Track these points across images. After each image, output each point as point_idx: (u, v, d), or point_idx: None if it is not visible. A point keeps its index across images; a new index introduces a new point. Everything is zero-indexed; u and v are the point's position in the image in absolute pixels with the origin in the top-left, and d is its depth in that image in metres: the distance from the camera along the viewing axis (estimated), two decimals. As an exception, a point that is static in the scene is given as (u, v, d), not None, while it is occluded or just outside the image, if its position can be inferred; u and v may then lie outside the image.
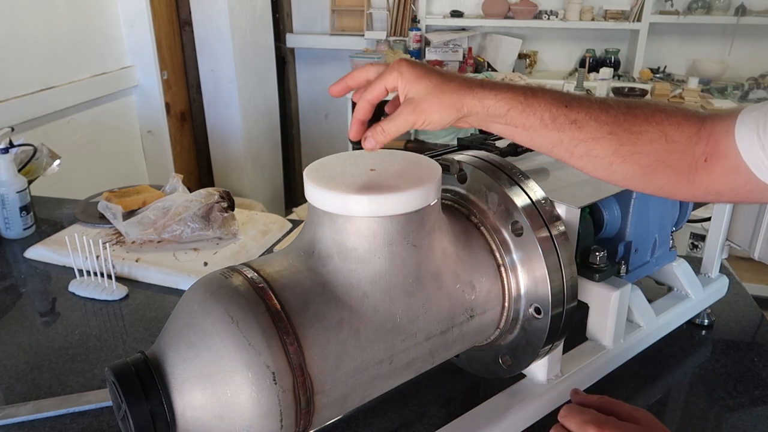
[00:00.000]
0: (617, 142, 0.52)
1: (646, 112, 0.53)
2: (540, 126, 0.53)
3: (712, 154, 0.51)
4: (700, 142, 0.52)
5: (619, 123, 0.52)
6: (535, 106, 0.53)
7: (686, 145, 0.52)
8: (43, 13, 1.93)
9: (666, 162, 0.52)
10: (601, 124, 0.52)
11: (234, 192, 1.33)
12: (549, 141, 0.54)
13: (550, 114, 0.52)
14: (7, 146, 1.22)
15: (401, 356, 0.55)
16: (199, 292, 0.51)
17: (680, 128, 0.52)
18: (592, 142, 0.52)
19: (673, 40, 3.06)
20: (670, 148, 0.52)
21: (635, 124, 0.52)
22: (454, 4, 3.21)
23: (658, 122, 0.52)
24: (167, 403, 0.47)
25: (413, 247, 0.54)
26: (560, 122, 0.52)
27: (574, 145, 0.53)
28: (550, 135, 0.53)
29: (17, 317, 0.98)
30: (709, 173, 0.52)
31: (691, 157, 0.52)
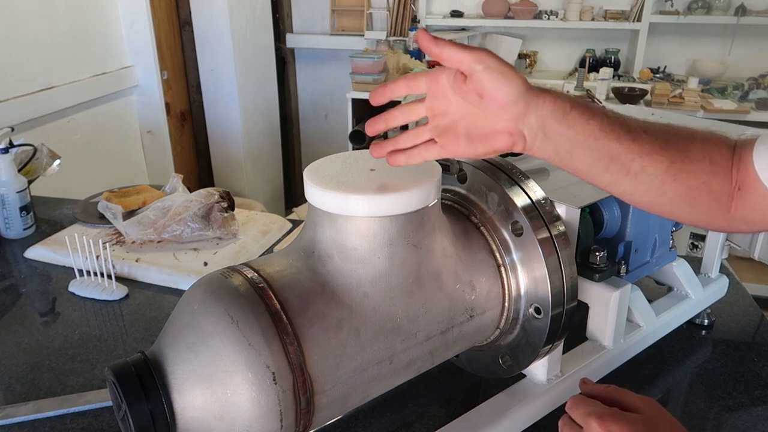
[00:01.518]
0: (669, 159, 0.50)
1: (687, 132, 0.51)
2: (600, 133, 0.50)
3: (744, 182, 0.50)
4: (734, 168, 0.50)
5: (667, 140, 0.50)
6: (594, 110, 0.50)
7: (726, 169, 0.51)
8: (43, 13, 1.93)
9: (710, 186, 0.51)
10: (653, 137, 0.50)
11: (234, 192, 1.33)
12: (608, 153, 0.50)
13: (608, 120, 0.50)
14: (7, 146, 1.22)
15: (401, 356, 0.55)
16: (199, 292, 0.51)
17: (720, 151, 0.51)
18: (647, 157, 0.50)
19: (673, 40, 3.05)
20: (714, 171, 0.51)
21: (680, 142, 0.51)
22: (454, 4, 3.21)
23: (701, 142, 0.51)
24: (167, 403, 0.47)
25: (413, 247, 0.54)
26: (617, 130, 0.50)
27: (631, 159, 0.50)
28: (609, 145, 0.50)
29: (17, 317, 0.98)
30: (743, 202, 0.51)
31: (730, 184, 0.51)
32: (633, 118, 0.52)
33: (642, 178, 0.51)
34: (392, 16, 3.20)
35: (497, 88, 0.49)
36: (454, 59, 0.49)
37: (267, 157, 3.14)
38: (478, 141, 0.52)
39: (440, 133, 0.53)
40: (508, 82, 0.49)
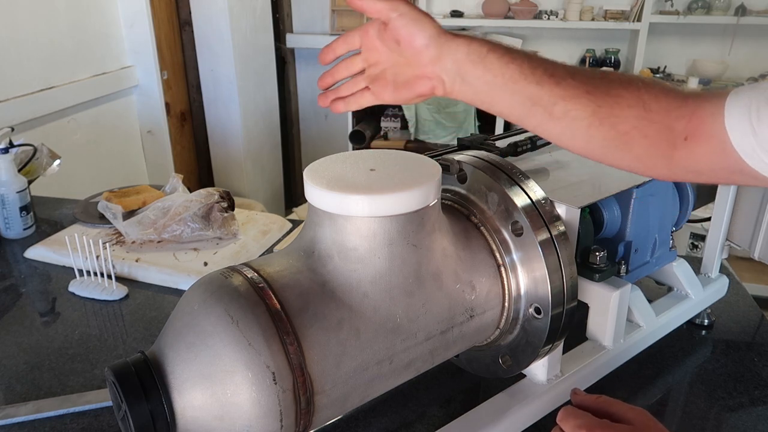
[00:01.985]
0: (595, 102, 0.51)
1: (622, 79, 0.52)
2: (519, 76, 0.51)
3: (693, 134, 0.50)
4: (681, 120, 0.50)
5: (596, 84, 0.51)
6: (513, 54, 0.52)
7: (665, 118, 0.51)
8: (43, 13, 1.93)
9: (644, 132, 0.51)
10: (579, 82, 0.51)
11: (234, 192, 1.33)
12: (528, 97, 0.52)
13: (529, 64, 0.51)
14: (7, 146, 1.22)
15: (401, 356, 0.55)
16: (199, 292, 0.51)
17: (658, 99, 0.51)
18: (571, 100, 0.51)
19: (673, 40, 3.05)
20: (649, 117, 0.51)
21: (612, 87, 0.51)
22: (454, 4, 3.21)
23: (635, 89, 0.51)
24: (167, 403, 0.47)
25: (413, 247, 0.54)
26: (539, 74, 0.51)
27: (553, 103, 0.51)
28: (530, 89, 0.51)
29: (17, 317, 0.98)
30: (689, 152, 0.51)
31: (671, 133, 0.51)
32: (561, 64, 0.52)
33: (567, 122, 0.52)
34: (392, 16, 3.20)
35: (410, 32, 0.53)
36: (374, 9, 0.53)
37: (267, 157, 3.14)
38: (402, 87, 0.57)
39: (372, 81, 0.59)
40: (420, 27, 0.53)
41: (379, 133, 3.16)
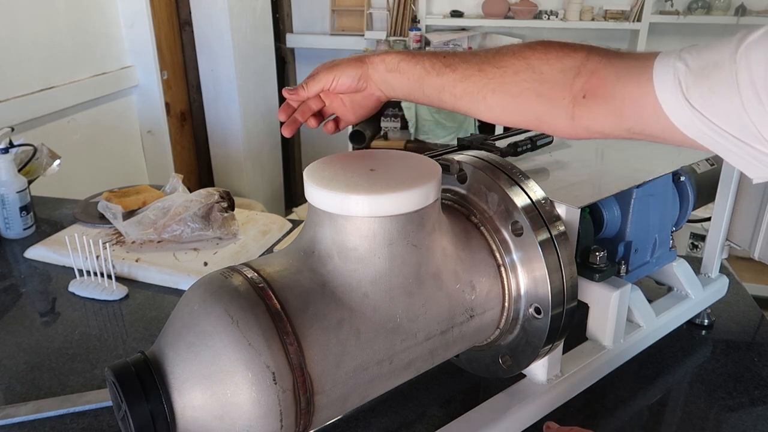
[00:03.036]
0: (486, 77, 0.58)
1: (513, 50, 0.58)
2: (423, 73, 0.61)
3: (592, 93, 0.52)
4: (579, 78, 0.53)
5: (488, 61, 0.58)
6: (419, 57, 0.62)
7: (558, 77, 0.54)
8: (43, 13, 1.93)
9: (537, 91, 0.55)
10: (471, 64, 0.59)
11: (234, 192, 1.33)
12: (435, 87, 0.61)
13: (431, 62, 0.61)
14: (7, 146, 1.22)
15: (401, 356, 0.55)
16: (199, 292, 0.51)
17: (549, 62, 0.55)
18: (466, 80, 0.59)
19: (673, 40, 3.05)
20: (539, 78, 0.55)
21: (502, 60, 0.57)
22: (454, 4, 3.21)
23: (524, 57, 0.56)
24: (167, 403, 0.47)
25: (413, 247, 0.54)
26: (438, 67, 0.60)
27: (453, 86, 0.59)
28: (433, 81, 0.60)
29: (17, 317, 0.98)
30: (588, 111, 0.53)
31: (567, 91, 0.54)
32: (462, 53, 0.61)
33: (468, 98, 0.60)
34: (392, 16, 3.20)
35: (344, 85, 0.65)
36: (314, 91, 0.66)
37: (267, 157, 3.14)
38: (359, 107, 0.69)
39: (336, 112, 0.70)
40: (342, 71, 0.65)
41: (379, 133, 3.16)
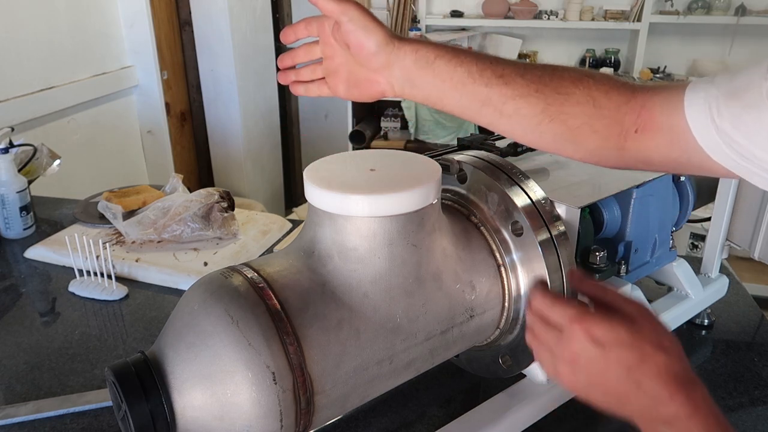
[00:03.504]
0: (545, 101, 0.52)
1: (573, 76, 0.53)
2: (468, 79, 0.53)
3: (644, 127, 0.51)
4: (630, 113, 0.52)
5: (546, 83, 0.52)
6: (462, 58, 0.53)
7: (615, 113, 0.52)
8: (43, 13, 1.93)
9: (593, 127, 0.53)
10: (528, 81, 0.52)
11: (234, 192, 1.33)
12: (478, 98, 0.53)
13: (478, 67, 0.53)
14: (7, 146, 1.22)
15: (401, 356, 0.55)
16: (199, 292, 0.51)
17: (608, 95, 0.52)
18: (520, 99, 0.52)
19: (673, 40, 3.05)
20: (598, 114, 0.52)
21: (562, 85, 0.52)
22: (454, 4, 3.21)
23: (585, 86, 0.52)
24: (167, 403, 0.47)
25: (413, 247, 0.54)
26: (487, 76, 0.52)
27: (503, 102, 0.53)
28: (478, 90, 0.53)
29: (17, 317, 0.98)
30: (639, 144, 0.52)
31: (620, 127, 0.52)
32: (512, 63, 0.54)
33: (517, 119, 0.53)
34: (392, 16, 3.20)
35: (358, 39, 0.54)
36: (326, 9, 0.54)
37: (267, 157, 3.13)
38: (354, 86, 0.59)
39: (329, 74, 0.61)
40: (368, 35, 0.54)
41: (379, 133, 3.16)
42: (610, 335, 0.46)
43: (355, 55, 0.56)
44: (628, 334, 0.46)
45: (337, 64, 0.59)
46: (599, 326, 0.47)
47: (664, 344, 0.46)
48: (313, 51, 0.61)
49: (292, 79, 0.64)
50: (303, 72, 0.63)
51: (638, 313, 0.48)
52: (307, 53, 0.62)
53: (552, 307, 0.49)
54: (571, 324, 0.48)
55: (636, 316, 0.47)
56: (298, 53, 0.62)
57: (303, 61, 0.62)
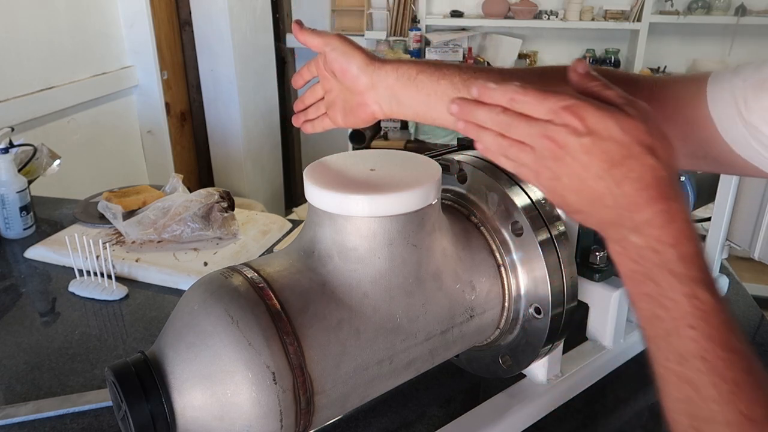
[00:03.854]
0: None
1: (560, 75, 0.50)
2: (452, 91, 0.53)
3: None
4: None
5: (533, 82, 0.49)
6: (444, 71, 0.53)
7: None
8: (43, 13, 1.93)
9: None
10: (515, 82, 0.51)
11: (234, 192, 1.33)
12: None
13: (461, 77, 0.53)
14: (7, 146, 1.22)
15: (401, 356, 0.55)
16: (199, 292, 0.51)
17: None
18: None
19: (673, 40, 3.05)
20: None
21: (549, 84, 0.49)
22: (454, 4, 3.21)
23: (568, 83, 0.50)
24: (167, 403, 0.47)
25: (413, 247, 0.54)
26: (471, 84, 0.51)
27: None
28: None
29: (17, 317, 0.98)
30: None
31: None
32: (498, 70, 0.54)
33: None
34: (392, 16, 3.20)
35: (341, 65, 0.58)
36: (312, 43, 0.59)
37: (267, 157, 3.14)
38: (349, 113, 0.62)
39: (328, 107, 0.64)
40: (348, 59, 0.57)
41: (379, 133, 3.16)
42: (601, 125, 0.42)
43: (342, 81, 0.59)
44: (618, 128, 0.42)
45: (334, 96, 0.63)
46: (592, 113, 0.42)
47: (654, 147, 0.42)
48: (315, 91, 0.66)
49: (302, 120, 0.68)
50: (310, 111, 0.67)
51: (638, 110, 0.43)
52: (312, 94, 0.66)
53: (544, 99, 0.44)
54: (563, 112, 0.43)
55: (635, 113, 0.43)
56: (306, 96, 0.67)
57: (310, 102, 0.67)
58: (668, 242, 0.41)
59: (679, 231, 0.41)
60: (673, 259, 0.40)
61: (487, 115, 0.46)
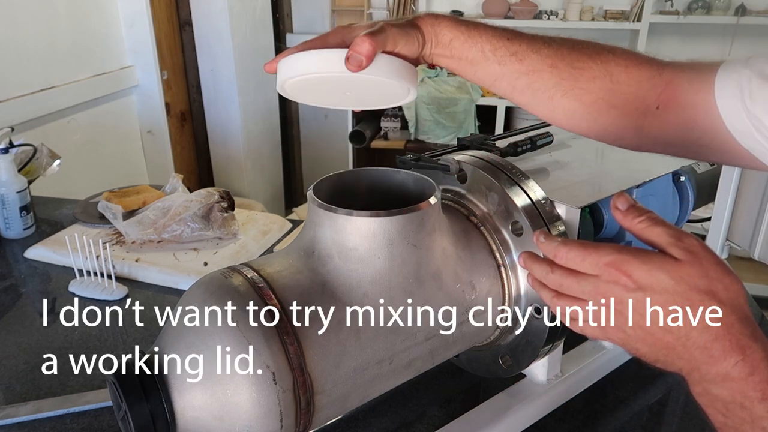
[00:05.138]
0: (558, 75, 0.52)
1: (591, 50, 0.52)
2: (481, 58, 0.53)
3: (666, 103, 0.50)
4: (655, 89, 0.50)
5: (562, 56, 0.52)
6: (476, 38, 0.52)
7: (636, 89, 0.51)
8: (43, 14, 1.93)
9: (611, 102, 0.51)
10: (543, 57, 0.52)
11: (234, 192, 1.33)
12: (491, 74, 0.53)
13: (491, 46, 0.52)
14: (7, 146, 1.22)
15: (401, 356, 0.55)
16: (199, 292, 0.51)
17: (628, 70, 0.51)
18: (534, 74, 0.52)
19: (673, 40, 3.05)
20: (616, 89, 0.51)
21: (579, 59, 0.51)
22: (454, 4, 3.21)
23: (603, 61, 0.51)
24: (167, 403, 0.47)
25: (413, 247, 0.54)
26: (500, 54, 0.52)
27: (516, 77, 0.53)
28: (492, 68, 0.53)
29: (17, 317, 0.98)
30: (660, 121, 0.50)
31: (642, 102, 0.51)
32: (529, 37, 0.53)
33: (529, 93, 0.53)
34: (392, 16, 3.20)
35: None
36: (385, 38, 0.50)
37: (267, 157, 3.14)
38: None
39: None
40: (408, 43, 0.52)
41: (379, 133, 3.16)
42: (650, 278, 0.40)
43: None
44: (669, 279, 0.40)
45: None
46: (637, 267, 0.41)
47: (715, 291, 0.40)
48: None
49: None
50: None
51: (687, 252, 0.41)
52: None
53: (585, 256, 0.43)
54: (608, 269, 0.42)
55: (684, 256, 0.41)
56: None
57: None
58: (755, 397, 0.38)
59: (764, 382, 0.38)
60: (764, 414, 0.38)
61: (541, 274, 0.47)
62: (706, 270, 0.41)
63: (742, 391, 0.39)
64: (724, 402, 0.40)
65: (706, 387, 0.41)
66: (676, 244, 0.41)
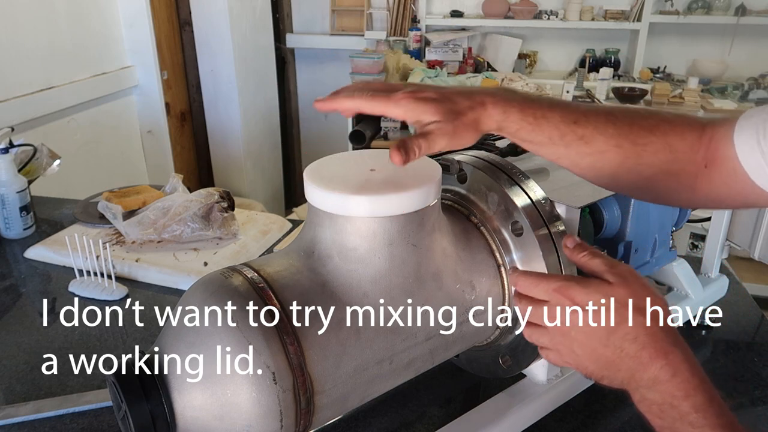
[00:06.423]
0: (623, 155, 0.53)
1: (650, 123, 0.53)
2: (548, 143, 0.53)
3: (711, 160, 0.51)
4: (701, 149, 0.52)
5: (625, 135, 0.53)
6: (543, 126, 0.52)
7: (689, 154, 0.52)
8: (43, 14, 1.93)
9: (670, 171, 0.53)
10: (608, 137, 0.53)
11: (234, 192, 1.33)
12: (555, 155, 0.55)
13: (559, 132, 0.53)
14: (7, 146, 1.22)
15: (401, 356, 0.55)
16: (199, 292, 0.51)
17: (683, 137, 0.52)
18: (599, 155, 0.53)
19: (673, 40, 3.05)
20: (674, 158, 0.52)
21: (640, 135, 0.52)
22: (454, 4, 3.21)
23: (662, 133, 0.52)
24: (167, 403, 0.47)
25: (413, 247, 0.54)
26: (568, 139, 0.53)
27: (580, 158, 0.54)
28: (557, 150, 0.54)
29: (17, 317, 0.98)
30: (708, 179, 0.52)
31: (694, 165, 0.52)
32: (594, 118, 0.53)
33: (593, 172, 0.56)
34: (392, 16, 3.20)
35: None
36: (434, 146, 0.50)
37: (267, 157, 3.14)
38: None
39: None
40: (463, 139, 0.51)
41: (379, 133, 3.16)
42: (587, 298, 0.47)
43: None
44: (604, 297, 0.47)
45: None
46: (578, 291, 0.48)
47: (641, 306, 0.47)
48: None
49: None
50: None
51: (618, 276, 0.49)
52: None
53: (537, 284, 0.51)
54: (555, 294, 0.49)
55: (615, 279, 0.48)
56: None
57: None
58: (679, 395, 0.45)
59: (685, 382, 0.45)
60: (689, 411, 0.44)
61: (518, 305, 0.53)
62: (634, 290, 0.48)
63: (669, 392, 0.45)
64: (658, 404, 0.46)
65: (643, 393, 0.47)
66: (609, 270, 0.49)
